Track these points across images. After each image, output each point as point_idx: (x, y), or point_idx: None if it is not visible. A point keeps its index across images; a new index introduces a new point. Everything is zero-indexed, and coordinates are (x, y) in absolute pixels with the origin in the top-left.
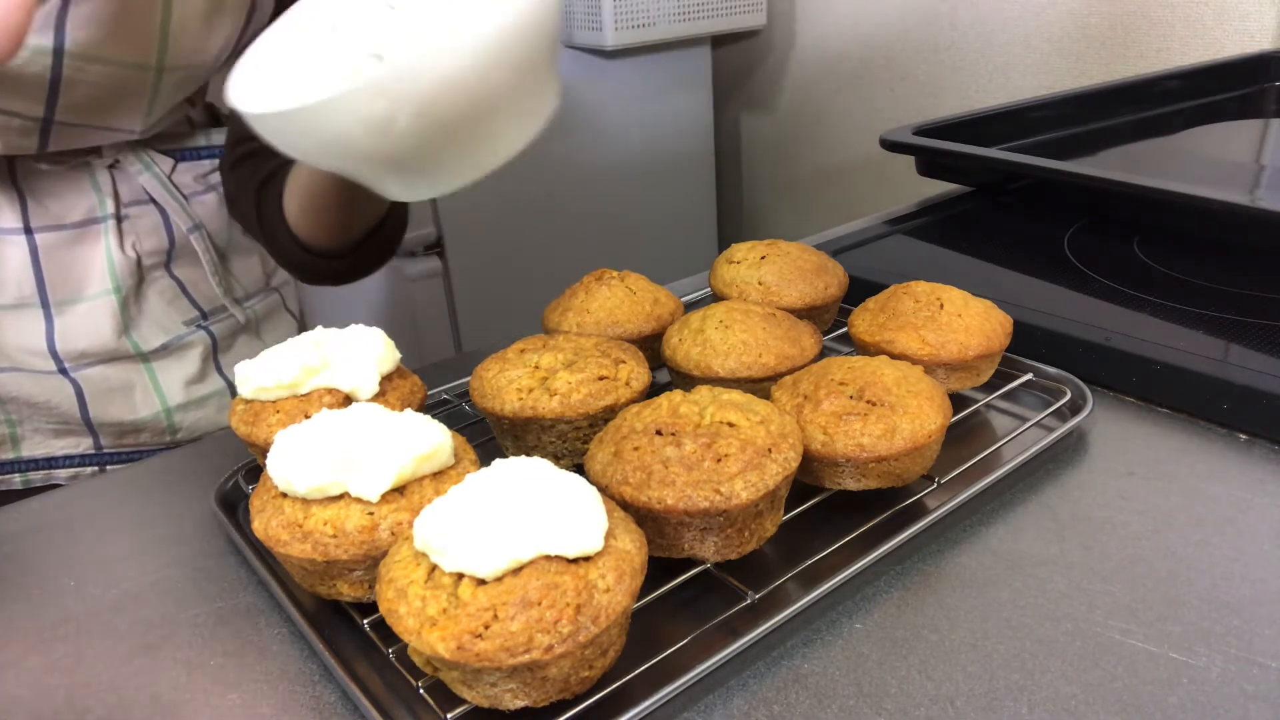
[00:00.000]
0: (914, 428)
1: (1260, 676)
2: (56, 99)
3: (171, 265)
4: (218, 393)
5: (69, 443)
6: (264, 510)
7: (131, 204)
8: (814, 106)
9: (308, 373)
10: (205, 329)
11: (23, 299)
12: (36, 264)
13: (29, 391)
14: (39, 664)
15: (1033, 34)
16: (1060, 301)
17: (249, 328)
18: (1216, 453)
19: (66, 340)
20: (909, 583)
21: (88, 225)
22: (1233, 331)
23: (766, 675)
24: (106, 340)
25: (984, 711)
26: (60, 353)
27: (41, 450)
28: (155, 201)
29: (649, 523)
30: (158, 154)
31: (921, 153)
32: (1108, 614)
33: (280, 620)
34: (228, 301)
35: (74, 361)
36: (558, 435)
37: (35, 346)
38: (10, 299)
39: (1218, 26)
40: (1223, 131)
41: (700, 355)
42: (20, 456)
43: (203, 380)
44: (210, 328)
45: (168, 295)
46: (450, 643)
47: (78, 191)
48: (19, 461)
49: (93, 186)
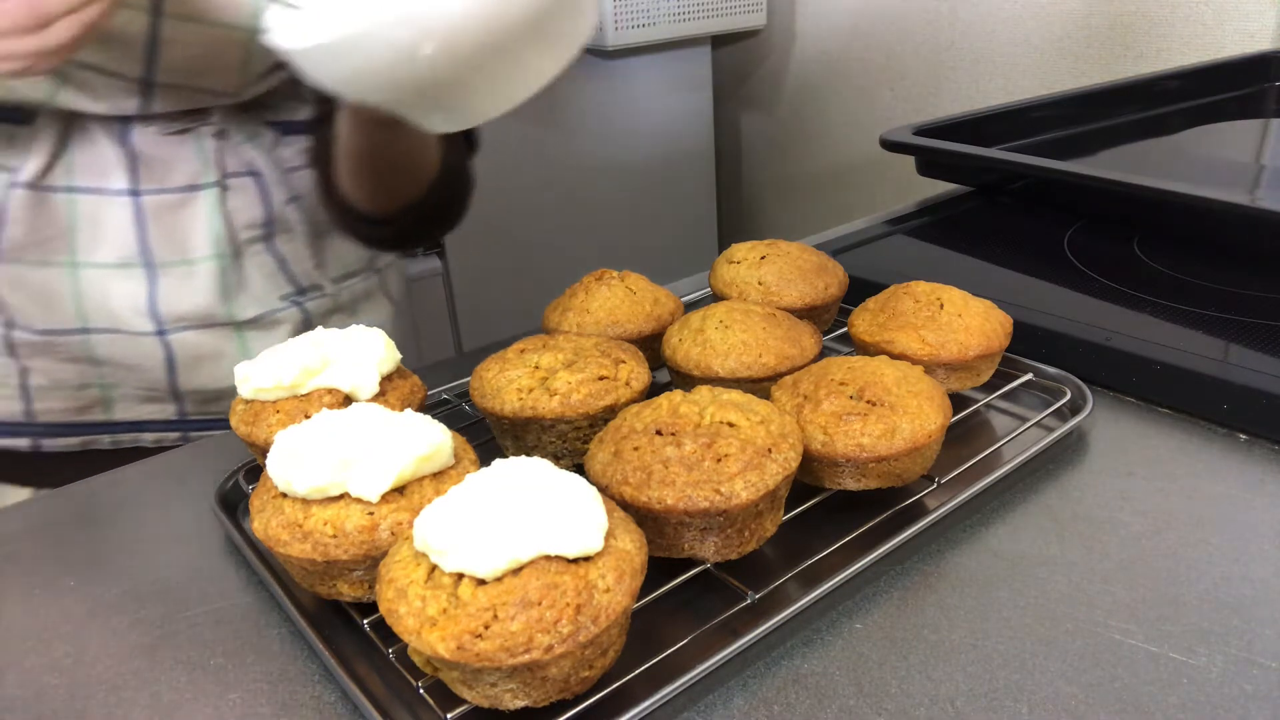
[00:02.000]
0: (914, 428)
1: (1260, 676)
2: (155, 59)
3: (272, 240)
4: None
5: (156, 408)
6: (264, 510)
7: (234, 174)
8: (814, 106)
9: (307, 373)
10: (300, 305)
11: (127, 259)
12: (141, 226)
13: (124, 353)
14: (39, 664)
15: (1033, 34)
16: (1060, 301)
17: (344, 308)
18: (1216, 453)
19: (166, 302)
20: (909, 583)
21: (192, 191)
22: (1233, 331)
23: (766, 675)
24: (203, 305)
25: (984, 711)
26: (160, 314)
27: (130, 414)
28: (257, 173)
29: (649, 523)
30: (263, 125)
31: (921, 153)
32: (1108, 614)
33: (280, 620)
34: (321, 277)
35: (172, 324)
36: (558, 435)
37: (137, 306)
38: (115, 258)
39: (1218, 26)
40: (1223, 131)
41: (700, 355)
42: (111, 418)
43: None
44: (305, 304)
45: (266, 269)
46: (450, 643)
47: (184, 157)
48: (109, 424)
49: (198, 153)
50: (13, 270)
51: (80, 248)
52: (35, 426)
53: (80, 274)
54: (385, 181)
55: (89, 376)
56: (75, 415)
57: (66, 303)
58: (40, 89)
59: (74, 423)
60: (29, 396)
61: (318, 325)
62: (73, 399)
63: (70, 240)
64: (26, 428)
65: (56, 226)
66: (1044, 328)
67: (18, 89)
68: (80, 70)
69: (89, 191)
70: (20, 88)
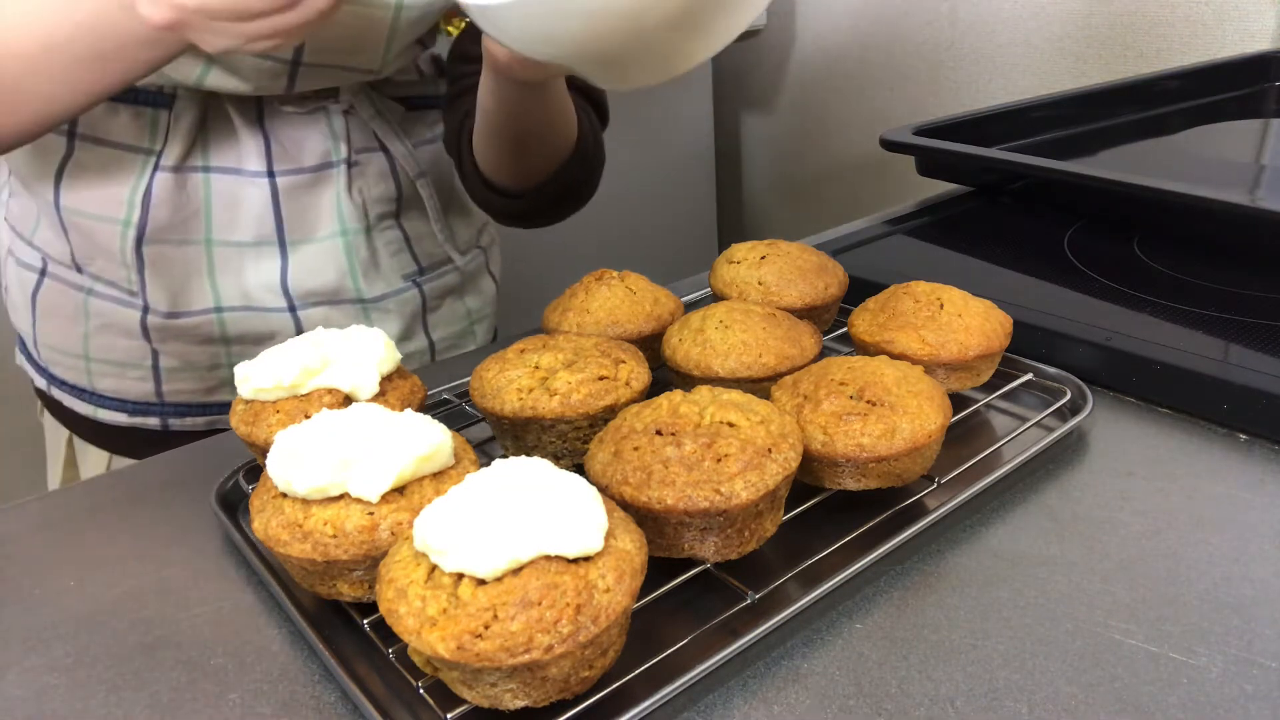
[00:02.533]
0: (914, 428)
1: (1260, 676)
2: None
3: (400, 216)
4: (419, 352)
5: None
6: (264, 510)
7: (362, 150)
8: (814, 106)
9: (307, 373)
10: (419, 286)
11: (263, 237)
12: (276, 205)
13: (258, 330)
14: (39, 664)
15: (1033, 34)
16: (1060, 301)
17: (456, 289)
18: (1216, 453)
19: (297, 279)
20: (909, 583)
21: (323, 169)
22: (1233, 331)
23: (766, 675)
24: (332, 281)
25: (984, 711)
26: (292, 290)
27: None
28: (385, 148)
29: (649, 523)
30: (390, 100)
31: (921, 153)
32: (1108, 614)
33: (280, 620)
34: (450, 249)
35: (302, 299)
36: (558, 435)
37: (270, 283)
38: (251, 237)
39: (1218, 26)
40: (1223, 131)
41: (700, 355)
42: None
43: (410, 338)
44: (424, 285)
45: (393, 247)
46: (450, 643)
47: (315, 136)
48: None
49: (329, 131)
50: (157, 250)
51: (216, 227)
52: (165, 406)
53: (215, 252)
54: (523, 152)
55: (219, 357)
56: (204, 396)
57: (203, 281)
58: (192, 70)
59: (202, 403)
60: (159, 378)
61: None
62: (202, 380)
63: (206, 219)
64: (157, 407)
65: (194, 207)
66: (1044, 328)
67: (170, 72)
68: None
69: (226, 172)
70: (172, 70)
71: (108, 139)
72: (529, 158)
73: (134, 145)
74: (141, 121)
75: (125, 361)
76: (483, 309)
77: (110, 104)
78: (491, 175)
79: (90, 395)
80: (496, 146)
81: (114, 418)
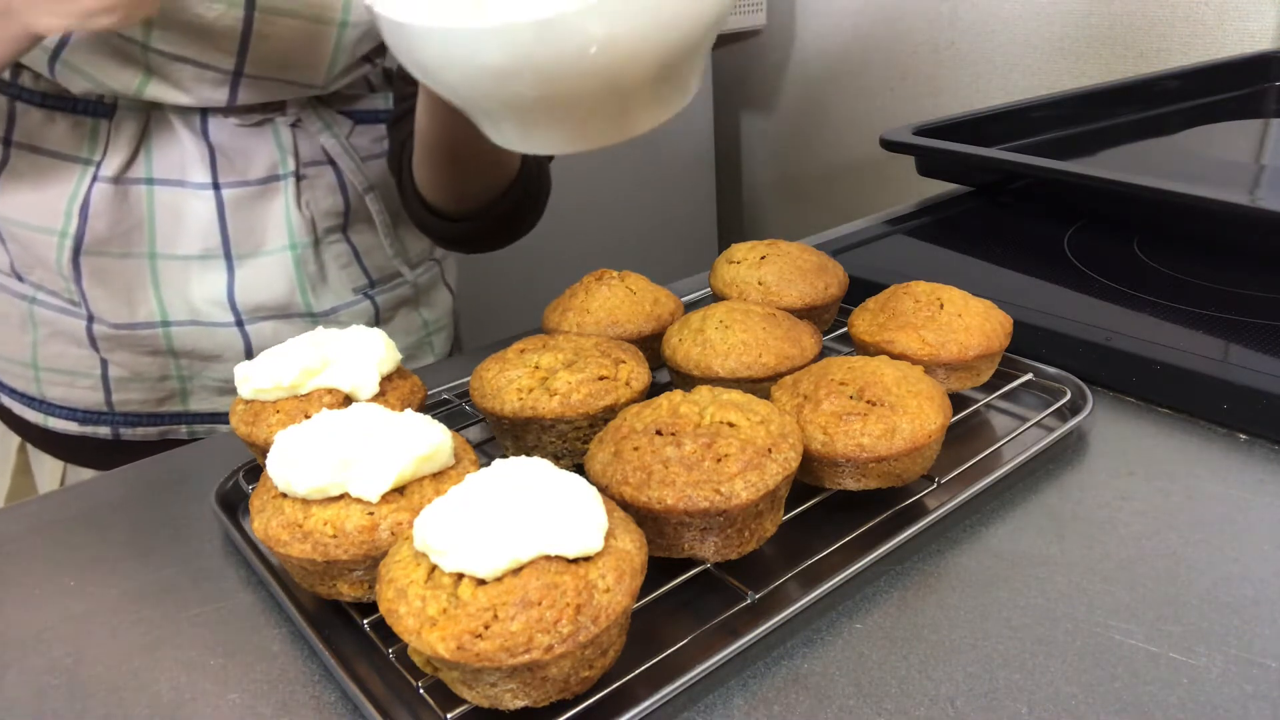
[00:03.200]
0: (914, 428)
1: (1260, 676)
2: (246, 52)
3: (348, 230)
4: None
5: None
6: (264, 510)
7: (310, 163)
8: (814, 106)
9: (307, 374)
10: (371, 299)
11: (209, 250)
12: (222, 218)
13: (202, 345)
14: (39, 664)
15: (1033, 34)
16: (1060, 301)
17: (411, 301)
18: (1216, 453)
19: (245, 292)
20: (909, 583)
21: (270, 182)
22: (1233, 331)
23: (766, 675)
24: (281, 295)
25: (984, 711)
26: (238, 304)
27: (207, 406)
28: (333, 162)
29: (649, 523)
30: (338, 114)
31: (921, 153)
32: (1108, 614)
33: (280, 620)
34: (400, 264)
35: (249, 314)
36: (558, 435)
37: (216, 297)
38: (197, 250)
39: (1218, 26)
40: (1223, 131)
41: (700, 355)
42: (188, 410)
43: None
44: (376, 298)
45: (341, 260)
46: (450, 643)
47: (262, 148)
48: (186, 414)
49: (276, 144)
50: (96, 263)
51: (160, 240)
52: (115, 416)
53: (159, 266)
54: (460, 175)
55: (168, 369)
56: (154, 406)
57: (147, 295)
58: (130, 81)
59: (153, 413)
60: (109, 388)
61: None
62: (151, 390)
63: (149, 232)
64: (108, 416)
65: (136, 219)
66: (1044, 328)
67: (107, 81)
68: (172, 62)
69: (169, 184)
70: (110, 80)
71: (44, 147)
72: (466, 181)
73: (72, 155)
74: (81, 131)
75: (74, 370)
76: (440, 320)
77: (48, 112)
78: (429, 197)
79: (40, 404)
80: (431, 166)
81: (65, 426)
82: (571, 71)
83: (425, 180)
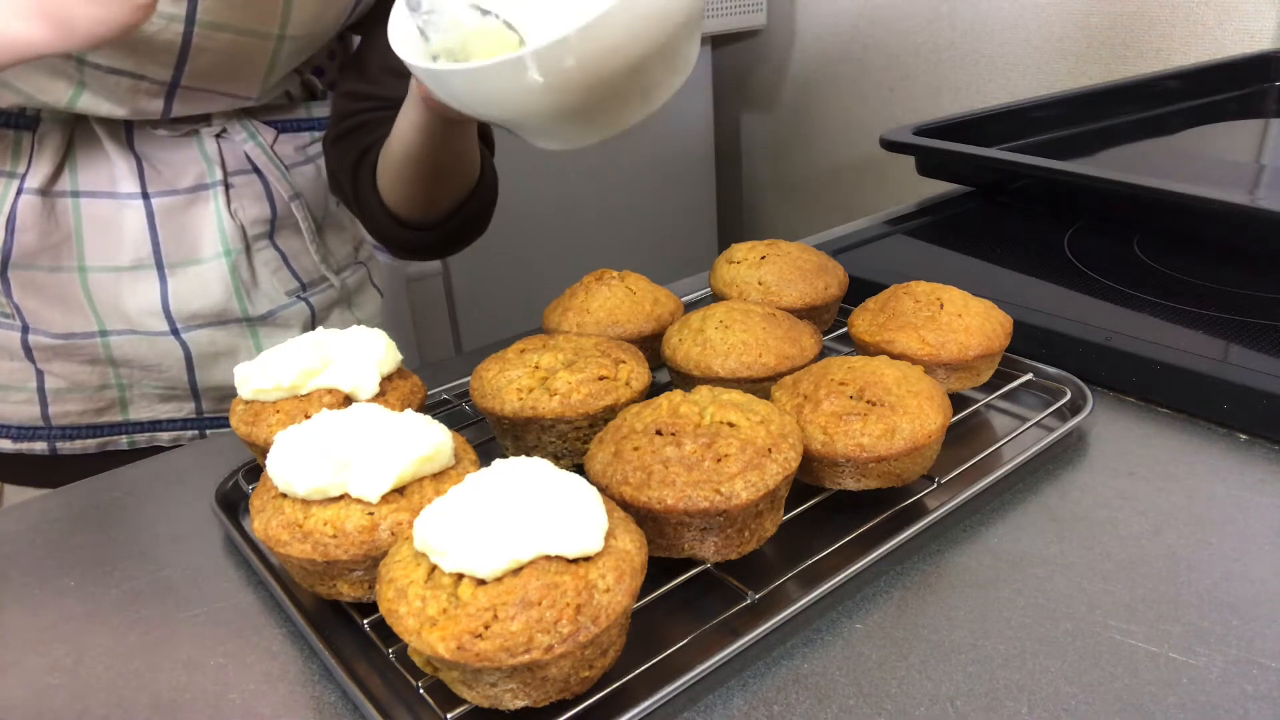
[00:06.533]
0: (914, 428)
1: (1260, 676)
2: (184, 64)
3: (275, 236)
4: None
5: (173, 407)
6: (264, 510)
7: (237, 172)
8: (814, 106)
9: (307, 374)
10: (305, 300)
11: (140, 261)
12: (153, 227)
13: (142, 354)
14: (39, 664)
15: (1033, 34)
16: (1060, 301)
17: (343, 301)
18: (1216, 453)
19: (179, 301)
20: (909, 583)
21: (199, 190)
22: (1233, 331)
23: (766, 675)
24: (216, 302)
25: (984, 711)
26: (174, 313)
27: (147, 414)
28: (258, 170)
29: (649, 523)
30: (261, 124)
31: (921, 153)
32: (1108, 614)
33: (280, 620)
34: (326, 270)
35: (185, 322)
36: (558, 435)
37: (151, 307)
38: (129, 261)
39: (1218, 26)
40: (1223, 131)
41: (700, 355)
42: (128, 419)
43: None
44: (310, 299)
45: (272, 265)
46: (450, 643)
47: (188, 158)
48: (126, 424)
49: (201, 154)
50: (26, 276)
51: (88, 252)
52: (52, 430)
53: (90, 278)
54: (438, 184)
55: (107, 377)
56: (93, 417)
57: (81, 306)
58: (62, 94)
59: (91, 424)
60: (45, 400)
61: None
62: (90, 401)
63: (78, 246)
64: (44, 431)
65: (64, 232)
66: (1044, 328)
67: (37, 95)
68: (108, 75)
69: (98, 196)
70: (40, 93)
71: None
72: (441, 189)
73: None
74: (4, 143)
75: (7, 384)
76: (371, 320)
77: None
78: (402, 209)
79: None
80: (412, 179)
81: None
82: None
83: (403, 194)
